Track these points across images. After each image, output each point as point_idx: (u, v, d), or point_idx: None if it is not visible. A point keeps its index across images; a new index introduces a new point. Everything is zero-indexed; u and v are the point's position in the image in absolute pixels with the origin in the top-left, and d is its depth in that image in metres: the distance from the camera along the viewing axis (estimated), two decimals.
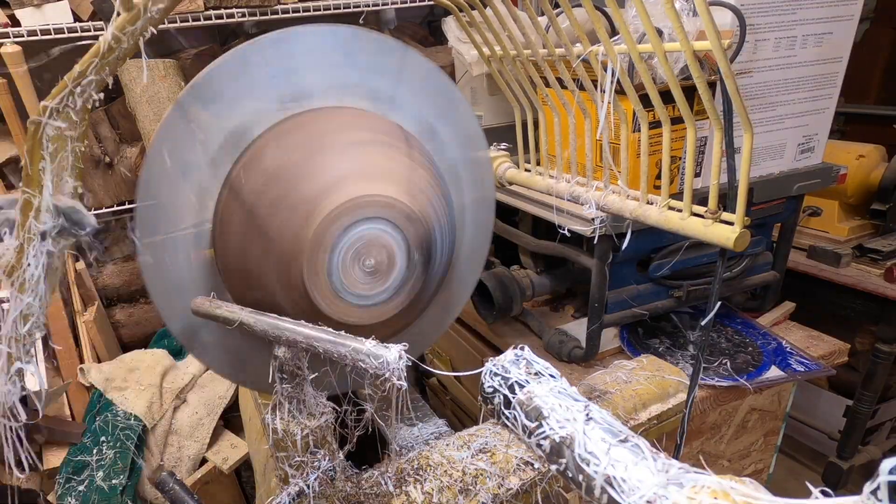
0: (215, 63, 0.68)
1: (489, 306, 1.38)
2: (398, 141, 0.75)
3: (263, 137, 0.71)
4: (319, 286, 0.68)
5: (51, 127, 0.50)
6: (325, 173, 0.68)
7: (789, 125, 1.19)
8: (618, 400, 0.88)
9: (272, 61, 0.70)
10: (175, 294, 0.73)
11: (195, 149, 0.68)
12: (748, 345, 1.33)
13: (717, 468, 1.38)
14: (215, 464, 1.66)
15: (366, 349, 0.55)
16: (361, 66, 0.75)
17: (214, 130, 0.69)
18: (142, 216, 0.68)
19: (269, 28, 0.73)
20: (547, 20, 0.99)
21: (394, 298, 0.73)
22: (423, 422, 0.99)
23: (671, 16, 0.61)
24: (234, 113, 0.70)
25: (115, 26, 0.51)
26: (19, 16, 1.50)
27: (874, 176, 1.75)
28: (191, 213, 0.71)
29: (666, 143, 0.76)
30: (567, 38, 0.80)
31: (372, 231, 0.68)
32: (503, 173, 1.06)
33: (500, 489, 0.72)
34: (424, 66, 0.78)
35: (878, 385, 1.74)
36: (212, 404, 1.72)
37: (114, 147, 1.80)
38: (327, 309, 0.69)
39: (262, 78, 0.70)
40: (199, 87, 0.67)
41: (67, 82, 0.50)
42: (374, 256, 0.69)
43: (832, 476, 1.89)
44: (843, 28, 1.14)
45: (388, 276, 0.71)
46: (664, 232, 0.75)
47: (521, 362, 0.46)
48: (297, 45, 0.70)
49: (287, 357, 0.62)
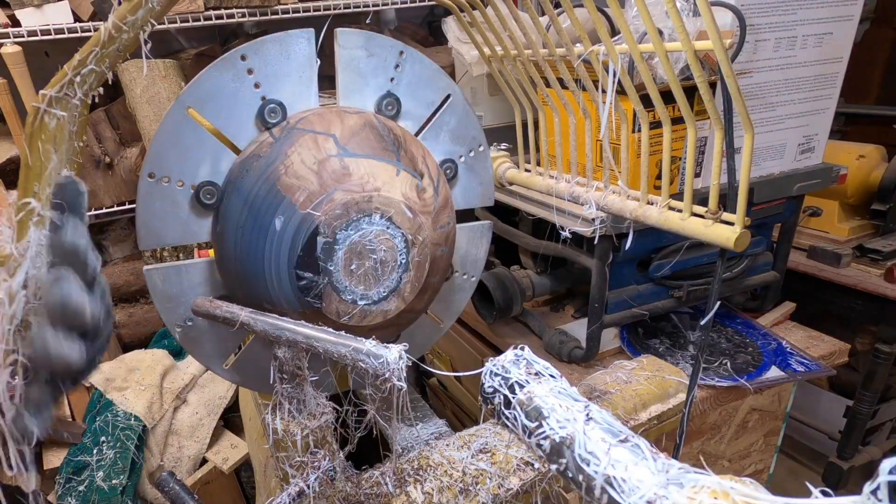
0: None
1: (489, 306, 1.38)
2: (397, 140, 0.75)
3: (262, 136, 0.71)
4: (319, 285, 0.68)
5: (50, 116, 0.50)
6: (325, 171, 0.68)
7: (789, 125, 1.20)
8: (618, 400, 0.88)
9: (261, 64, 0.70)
10: (175, 293, 0.73)
11: (195, 148, 0.68)
12: (748, 345, 1.33)
13: (718, 468, 1.38)
14: (215, 464, 1.67)
15: (366, 349, 0.55)
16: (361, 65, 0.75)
17: (215, 130, 0.69)
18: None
19: (269, 28, 0.73)
20: (548, 20, 0.99)
21: (393, 298, 0.73)
22: (423, 422, 0.99)
23: (673, 15, 0.61)
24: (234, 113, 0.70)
25: (116, 15, 0.51)
26: (19, 16, 1.50)
27: (874, 176, 1.75)
28: (191, 212, 0.71)
29: (666, 144, 0.76)
30: (568, 38, 0.80)
31: (371, 230, 0.68)
32: (503, 173, 1.06)
33: (500, 489, 0.72)
34: (422, 63, 0.78)
35: (879, 385, 1.73)
36: (212, 404, 1.72)
37: (114, 147, 1.80)
38: (327, 307, 0.69)
39: (259, 79, 0.70)
40: (199, 86, 0.67)
41: (67, 71, 0.51)
42: (373, 255, 0.69)
43: (832, 476, 1.89)
44: (843, 28, 1.14)
45: (388, 276, 0.71)
46: (664, 232, 0.75)
47: (521, 362, 0.46)
48: (294, 45, 0.70)
49: (287, 357, 0.62)
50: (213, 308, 0.66)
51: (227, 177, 0.69)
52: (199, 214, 0.70)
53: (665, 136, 0.75)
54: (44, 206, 0.49)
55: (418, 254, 0.71)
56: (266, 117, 0.69)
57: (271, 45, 0.67)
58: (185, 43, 2.01)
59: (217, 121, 0.68)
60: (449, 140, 0.81)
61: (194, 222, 0.70)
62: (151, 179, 0.66)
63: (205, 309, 0.67)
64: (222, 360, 0.79)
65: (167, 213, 0.68)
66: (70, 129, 0.51)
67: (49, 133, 0.50)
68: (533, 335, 1.44)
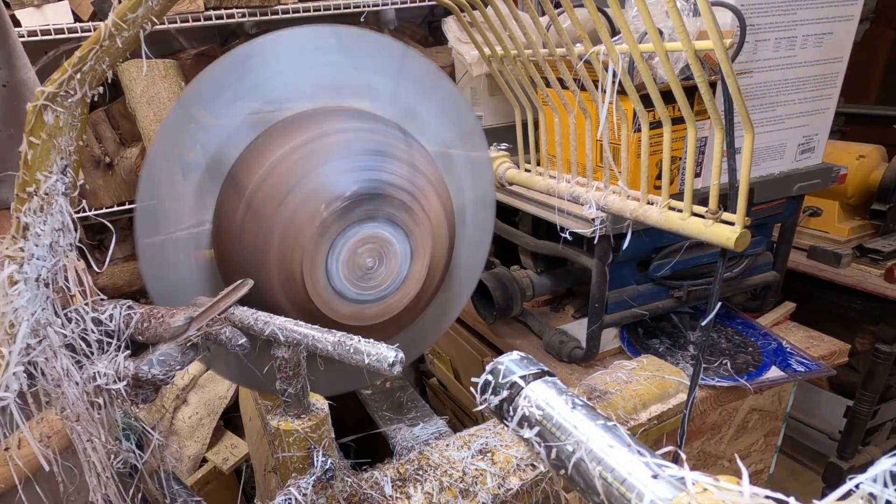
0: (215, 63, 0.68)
1: (489, 306, 1.38)
2: (397, 140, 0.75)
3: (263, 137, 0.71)
4: (319, 285, 0.68)
5: (50, 113, 0.50)
6: (325, 172, 0.68)
7: (789, 125, 1.20)
8: (618, 400, 0.88)
9: (269, 62, 0.70)
10: (175, 294, 0.73)
11: (195, 149, 0.68)
12: (748, 345, 1.33)
13: (718, 468, 1.38)
14: (215, 464, 1.67)
15: (365, 349, 0.55)
16: (361, 65, 0.75)
17: (214, 130, 0.69)
18: (142, 216, 0.68)
19: (269, 28, 0.73)
20: (548, 20, 0.99)
21: (393, 297, 0.73)
22: (424, 422, 0.99)
23: (673, 14, 0.61)
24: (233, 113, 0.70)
25: (116, 13, 0.51)
26: (19, 16, 1.50)
27: (874, 176, 1.75)
28: (191, 213, 0.71)
29: (666, 144, 0.76)
30: (568, 38, 0.80)
31: (372, 230, 0.68)
32: (503, 173, 1.06)
33: (500, 489, 0.72)
34: (424, 64, 0.79)
35: (879, 385, 1.73)
36: (212, 404, 1.72)
37: (114, 147, 1.80)
38: (326, 308, 0.69)
39: (260, 79, 0.70)
40: (199, 87, 0.67)
41: (68, 68, 0.51)
42: (373, 255, 0.69)
43: (832, 476, 1.88)
44: (843, 28, 1.14)
45: (388, 275, 0.71)
46: (664, 232, 0.75)
47: (522, 362, 0.46)
48: (293, 46, 0.70)
49: (287, 357, 0.62)
50: (213, 308, 0.66)
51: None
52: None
53: (665, 136, 0.75)
54: (41, 198, 0.49)
55: (418, 253, 0.71)
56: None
57: None
58: (185, 43, 2.01)
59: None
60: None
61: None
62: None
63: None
64: (222, 359, 0.79)
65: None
66: (70, 123, 0.51)
67: (48, 128, 0.50)
68: (533, 335, 1.44)
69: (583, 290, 1.53)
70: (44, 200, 0.52)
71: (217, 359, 0.78)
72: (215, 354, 0.73)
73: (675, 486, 0.33)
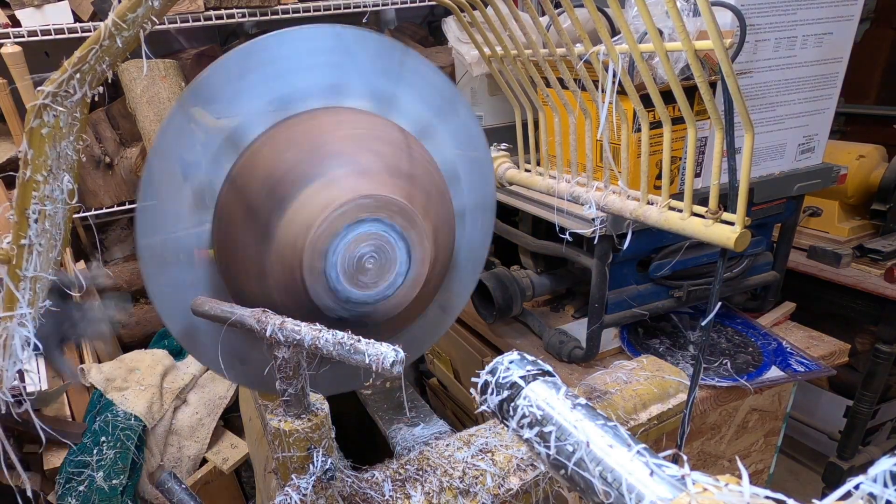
0: (215, 64, 0.68)
1: (489, 306, 1.38)
2: (398, 141, 0.75)
3: (263, 137, 0.71)
4: (319, 285, 0.68)
5: (49, 113, 0.50)
6: (325, 173, 0.68)
7: (789, 125, 1.20)
8: (618, 400, 0.88)
9: (268, 62, 0.70)
10: (175, 294, 0.73)
11: (195, 149, 0.68)
12: (748, 345, 1.33)
13: (718, 468, 1.38)
14: (215, 464, 1.67)
15: (365, 349, 0.55)
16: (361, 66, 0.75)
17: (215, 130, 0.69)
18: (142, 216, 0.68)
19: (269, 28, 0.73)
20: (548, 20, 0.99)
21: (393, 297, 0.73)
22: (424, 422, 0.99)
23: (673, 15, 0.61)
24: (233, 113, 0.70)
25: (116, 13, 0.51)
26: (19, 16, 1.50)
27: (874, 176, 1.75)
28: (191, 213, 0.71)
29: (666, 144, 0.76)
30: (568, 38, 0.80)
31: (371, 231, 0.68)
32: (503, 173, 1.06)
33: (500, 489, 0.72)
34: (425, 66, 0.79)
35: (879, 385, 1.73)
36: (212, 404, 1.72)
37: (114, 147, 1.80)
38: (326, 307, 0.69)
39: (260, 79, 0.70)
40: (199, 87, 0.67)
41: (67, 67, 0.51)
42: (373, 256, 0.69)
43: (832, 476, 1.88)
44: (843, 28, 1.14)
45: (388, 276, 0.71)
46: (664, 232, 0.75)
47: (522, 362, 0.46)
48: (291, 46, 0.70)
49: (287, 357, 0.62)
50: (213, 308, 0.66)
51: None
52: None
53: (665, 136, 0.75)
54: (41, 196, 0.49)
55: (418, 254, 0.71)
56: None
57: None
58: (185, 43, 2.01)
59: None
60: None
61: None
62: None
63: (204, 309, 0.67)
64: (223, 359, 0.79)
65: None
66: (70, 123, 0.51)
67: (48, 127, 0.50)
68: (533, 335, 1.44)
69: (583, 290, 1.53)
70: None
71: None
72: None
73: (675, 487, 0.33)
